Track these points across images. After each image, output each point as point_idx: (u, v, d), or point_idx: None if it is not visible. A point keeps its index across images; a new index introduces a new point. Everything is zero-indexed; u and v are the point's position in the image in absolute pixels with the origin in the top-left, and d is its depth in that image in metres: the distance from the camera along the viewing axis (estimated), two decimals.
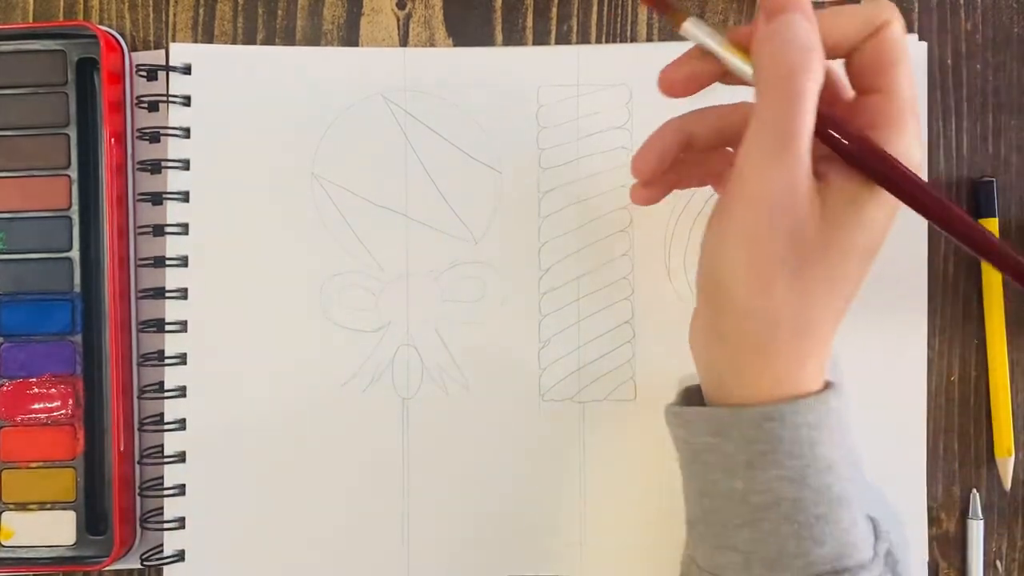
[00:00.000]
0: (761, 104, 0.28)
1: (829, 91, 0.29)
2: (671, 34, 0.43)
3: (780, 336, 0.28)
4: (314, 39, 0.43)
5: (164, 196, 0.42)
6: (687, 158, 0.34)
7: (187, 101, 0.42)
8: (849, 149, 0.28)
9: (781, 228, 0.27)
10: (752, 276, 0.28)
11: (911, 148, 0.29)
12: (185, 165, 0.42)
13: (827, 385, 0.30)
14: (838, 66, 0.31)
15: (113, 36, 0.42)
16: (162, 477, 0.42)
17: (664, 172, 0.34)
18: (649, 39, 0.43)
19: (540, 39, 0.43)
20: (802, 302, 0.28)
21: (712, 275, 0.29)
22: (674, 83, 0.31)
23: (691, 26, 0.29)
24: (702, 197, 0.41)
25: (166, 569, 0.42)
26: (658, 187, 0.35)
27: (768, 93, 0.27)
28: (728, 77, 0.30)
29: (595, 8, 0.43)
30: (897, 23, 0.29)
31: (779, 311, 0.28)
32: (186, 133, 0.42)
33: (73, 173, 0.42)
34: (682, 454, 0.32)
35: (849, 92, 0.31)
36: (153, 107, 0.42)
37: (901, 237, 0.41)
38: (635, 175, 0.34)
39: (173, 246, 0.42)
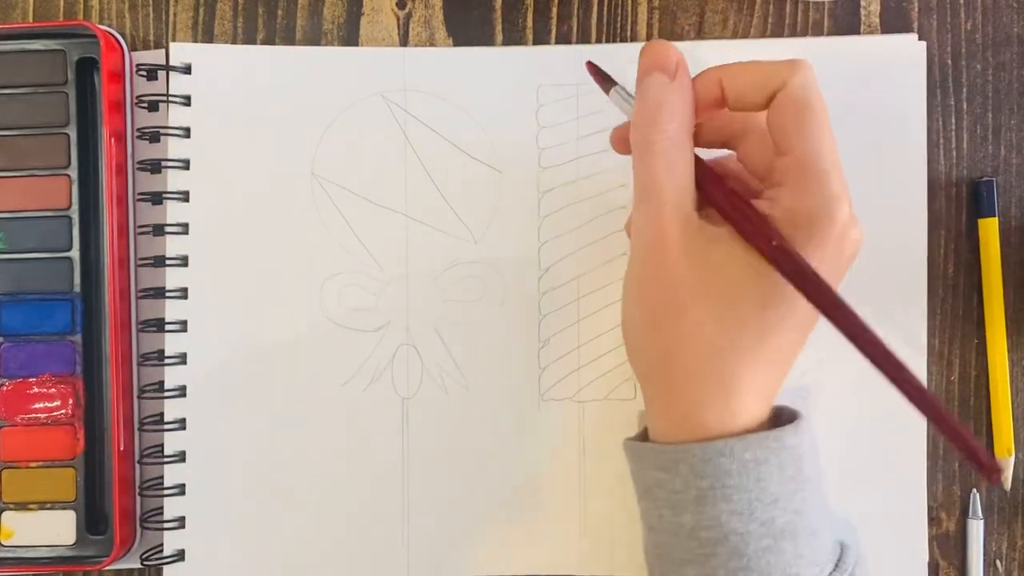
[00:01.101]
0: (633, 158, 0.31)
1: (762, 148, 0.31)
2: (671, 34, 0.43)
3: (678, 374, 0.29)
4: (314, 39, 0.43)
5: (164, 196, 0.42)
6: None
7: (187, 101, 0.42)
8: (715, 200, 0.30)
9: (656, 271, 0.29)
10: (644, 317, 0.30)
11: (808, 199, 0.29)
12: (185, 165, 0.42)
13: (780, 419, 0.31)
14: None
15: (113, 36, 0.42)
16: (162, 477, 0.42)
17: None
18: (649, 39, 0.43)
19: (540, 39, 0.43)
20: (695, 341, 0.29)
21: (623, 326, 0.32)
22: (621, 143, 0.34)
23: (616, 95, 0.34)
24: None
25: (166, 569, 0.42)
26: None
27: (633, 153, 0.30)
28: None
29: (595, 8, 0.43)
30: (794, 80, 0.29)
31: (674, 349, 0.29)
32: (186, 133, 0.42)
33: (73, 173, 0.42)
34: (636, 486, 0.32)
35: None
36: (153, 107, 0.42)
37: (900, 237, 0.41)
38: (615, 147, 0.36)
39: (173, 246, 0.42)
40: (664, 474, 0.30)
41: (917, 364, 0.41)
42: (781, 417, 0.31)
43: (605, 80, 0.35)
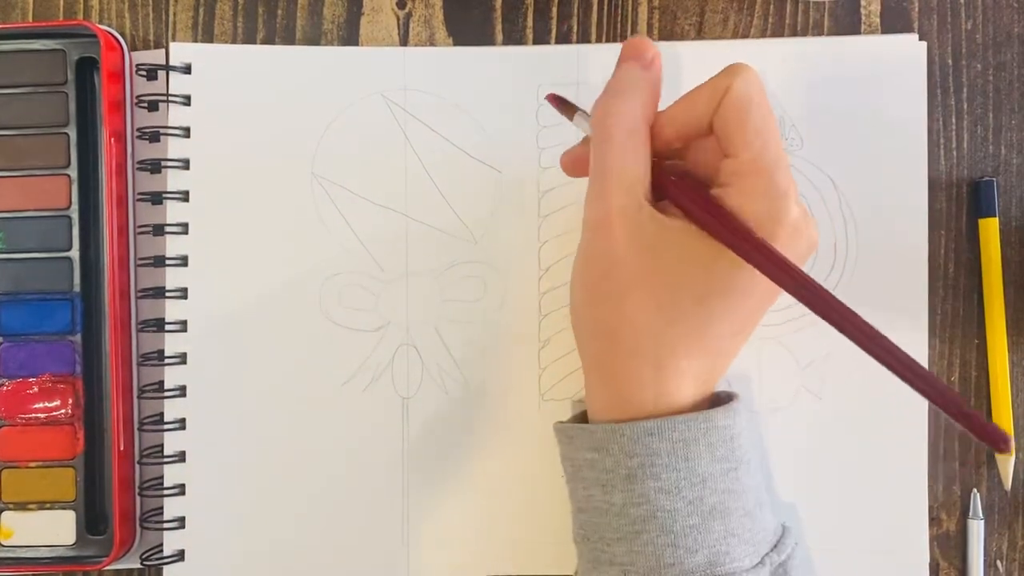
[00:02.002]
0: (591, 140, 0.31)
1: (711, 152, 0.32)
2: (671, 34, 0.43)
3: (611, 354, 0.30)
4: (314, 39, 0.43)
5: (164, 196, 0.42)
6: None
7: (187, 101, 0.42)
8: (669, 190, 0.31)
9: (601, 251, 0.30)
10: (585, 294, 0.31)
11: (751, 200, 0.29)
12: (185, 165, 0.42)
13: (721, 399, 0.31)
14: None
15: (113, 35, 0.42)
16: (162, 477, 0.42)
17: None
18: (649, 38, 0.43)
19: (540, 38, 0.43)
20: (627, 322, 0.29)
21: (572, 293, 0.32)
22: (569, 165, 0.35)
23: (580, 118, 0.34)
24: None
25: (166, 569, 0.42)
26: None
27: (593, 128, 0.31)
28: None
29: (595, 7, 0.43)
30: (735, 84, 0.30)
31: (613, 329, 0.30)
32: (186, 133, 0.42)
33: (73, 172, 0.42)
34: (565, 471, 0.33)
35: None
36: (153, 107, 0.42)
37: (901, 237, 0.41)
38: (565, 170, 0.36)
39: (173, 246, 0.42)
40: (595, 454, 0.30)
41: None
42: (718, 401, 0.32)
43: (567, 107, 0.35)
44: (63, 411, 0.42)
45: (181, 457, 0.42)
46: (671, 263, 0.29)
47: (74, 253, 0.42)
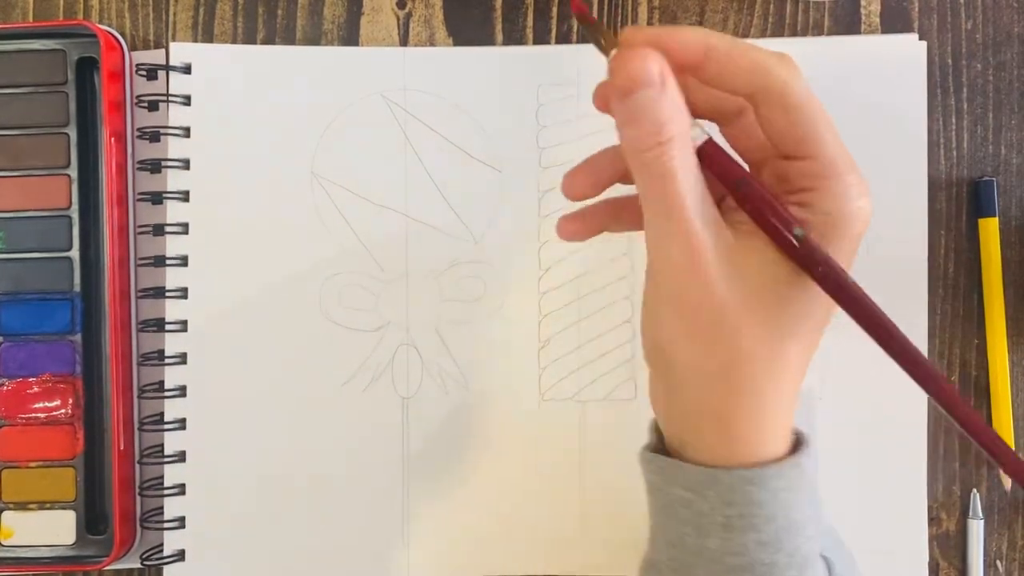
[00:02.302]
0: (638, 189, 0.28)
1: (754, 133, 0.29)
2: None
3: (728, 400, 0.28)
4: (314, 39, 0.43)
5: (164, 196, 0.42)
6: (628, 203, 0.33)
7: (187, 100, 0.42)
8: (750, 213, 0.28)
9: (697, 294, 0.27)
10: (690, 343, 0.28)
11: (844, 203, 0.27)
12: (185, 164, 0.42)
13: (797, 441, 0.30)
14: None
15: (113, 35, 0.42)
16: (162, 477, 0.42)
17: (599, 211, 0.33)
18: None
19: (540, 38, 0.43)
20: (745, 362, 0.27)
21: (655, 342, 0.30)
22: (575, 187, 0.32)
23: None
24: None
25: (166, 569, 0.42)
26: (588, 222, 0.33)
27: (638, 179, 0.28)
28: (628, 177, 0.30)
29: (595, 7, 0.43)
30: (797, 83, 0.27)
31: (723, 373, 0.28)
32: (186, 132, 0.42)
33: (73, 172, 0.42)
34: (653, 498, 0.31)
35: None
36: (153, 106, 0.42)
37: (901, 237, 0.41)
38: (566, 193, 0.32)
39: (173, 246, 0.42)
40: (690, 494, 0.29)
41: None
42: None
43: (600, 34, 0.29)
44: (63, 411, 0.42)
45: (181, 457, 0.42)
46: (769, 287, 0.27)
47: (74, 253, 0.42)
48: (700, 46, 0.27)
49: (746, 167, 0.30)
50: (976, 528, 0.41)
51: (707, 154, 0.28)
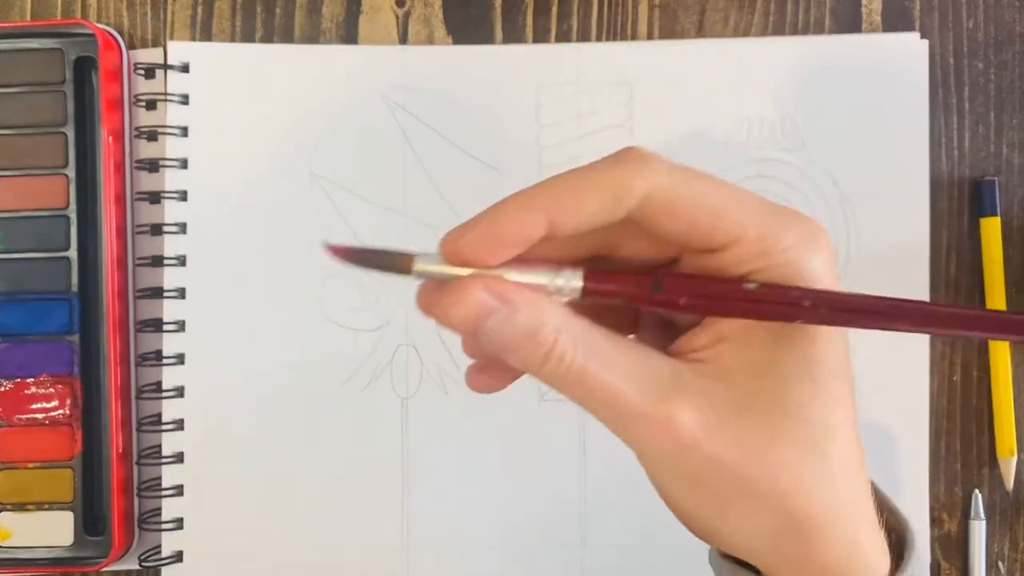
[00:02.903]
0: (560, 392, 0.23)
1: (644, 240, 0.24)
2: (671, 32, 0.43)
3: (776, 543, 0.24)
4: (313, 37, 0.43)
5: (162, 195, 0.42)
6: None
7: (185, 99, 0.42)
8: (687, 307, 0.23)
9: (706, 465, 0.22)
10: (703, 510, 0.24)
11: (799, 267, 0.22)
12: (183, 164, 0.42)
13: (899, 540, 0.26)
14: None
15: (111, 34, 0.42)
16: (160, 478, 0.42)
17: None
18: (650, 37, 0.43)
19: (540, 37, 0.43)
20: (798, 514, 0.23)
21: (677, 512, 0.25)
22: (484, 383, 0.28)
23: (420, 265, 0.24)
24: None
25: (164, 570, 0.42)
26: (500, 374, 0.28)
27: (554, 388, 0.23)
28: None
29: (595, 6, 0.43)
30: (656, 183, 0.21)
31: (758, 520, 0.23)
32: (184, 132, 0.42)
33: (71, 172, 0.41)
34: None
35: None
36: (151, 105, 0.42)
37: (902, 236, 0.41)
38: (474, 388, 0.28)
39: (171, 245, 0.42)
40: None
41: (919, 364, 0.41)
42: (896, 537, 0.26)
43: (391, 260, 0.24)
44: (61, 412, 0.41)
45: (179, 458, 0.42)
46: (754, 389, 0.22)
47: (72, 253, 0.42)
48: (537, 216, 0.23)
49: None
50: (978, 529, 0.41)
51: (596, 291, 0.23)
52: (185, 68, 0.42)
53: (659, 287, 0.22)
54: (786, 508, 0.23)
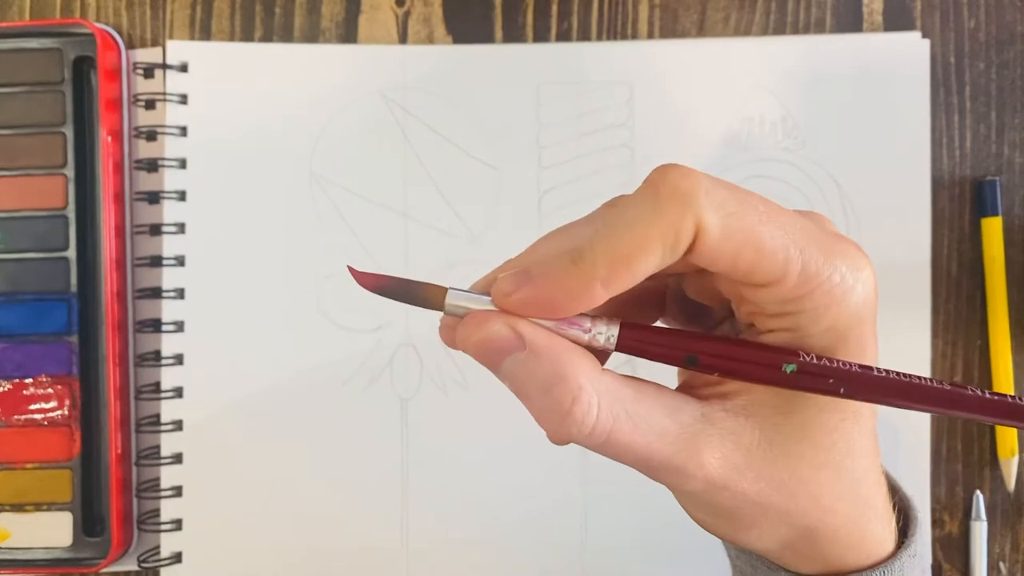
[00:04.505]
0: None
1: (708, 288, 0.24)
2: (672, 32, 0.42)
3: (787, 544, 0.24)
4: (312, 37, 0.43)
5: (161, 195, 0.42)
6: None
7: (184, 99, 0.42)
8: (726, 375, 0.23)
9: (733, 501, 0.23)
10: (724, 528, 0.24)
11: (840, 310, 0.22)
12: (182, 164, 0.42)
13: (904, 520, 0.26)
14: None
15: (110, 34, 0.42)
16: (159, 478, 0.42)
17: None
18: (650, 36, 0.42)
19: (540, 36, 0.43)
20: (824, 531, 0.23)
21: (698, 523, 0.25)
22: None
23: (453, 299, 0.22)
24: None
25: (163, 571, 0.41)
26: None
27: (579, 443, 0.23)
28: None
29: (595, 6, 0.43)
30: (709, 222, 0.20)
31: (777, 532, 0.24)
32: (183, 131, 0.42)
33: (70, 172, 0.41)
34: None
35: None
36: (150, 105, 0.42)
37: (904, 236, 0.41)
38: None
39: (170, 246, 0.42)
40: None
41: (920, 365, 0.41)
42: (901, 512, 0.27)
43: (417, 294, 0.23)
44: (60, 412, 0.41)
45: (178, 459, 0.41)
46: (804, 426, 0.23)
47: (71, 253, 0.41)
48: (597, 297, 0.21)
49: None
50: (979, 530, 0.41)
51: (633, 347, 0.22)
52: (184, 68, 0.42)
53: (695, 362, 0.22)
54: (804, 523, 0.23)
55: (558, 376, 0.21)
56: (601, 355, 0.23)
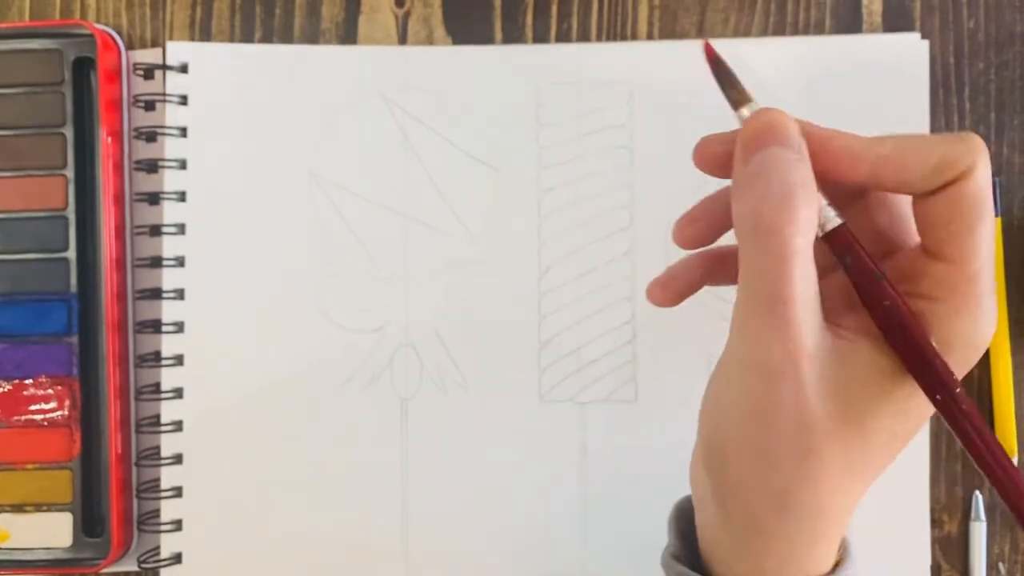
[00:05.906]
0: (742, 261, 0.24)
1: (892, 230, 0.26)
2: (671, 33, 0.42)
3: (787, 520, 0.25)
4: (312, 38, 0.43)
5: (161, 196, 0.42)
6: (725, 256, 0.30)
7: (184, 100, 0.42)
8: (877, 319, 0.24)
9: (784, 402, 0.23)
10: (755, 454, 0.24)
11: (974, 330, 0.24)
12: (182, 165, 0.42)
13: (840, 558, 0.27)
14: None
15: (110, 35, 0.42)
16: (159, 479, 0.42)
17: (693, 271, 0.30)
18: (650, 37, 0.43)
19: (540, 37, 0.43)
20: (814, 486, 0.24)
21: (714, 445, 0.26)
22: (687, 235, 0.29)
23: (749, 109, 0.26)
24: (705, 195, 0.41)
25: (163, 571, 0.41)
26: (681, 285, 0.30)
27: (747, 251, 0.24)
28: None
29: (595, 6, 0.43)
30: (980, 171, 0.23)
31: (787, 494, 0.24)
32: (183, 132, 0.42)
33: (70, 173, 0.41)
34: None
35: (914, 237, 0.26)
36: (150, 106, 0.42)
37: None
38: (677, 242, 0.29)
39: (170, 246, 0.42)
40: None
41: None
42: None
43: (731, 85, 0.27)
44: (60, 413, 0.41)
45: (178, 459, 0.41)
46: (862, 401, 0.24)
47: (71, 254, 0.41)
48: (859, 157, 0.24)
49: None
50: (978, 530, 0.41)
51: (841, 243, 0.24)
52: (184, 68, 0.42)
53: (881, 278, 0.24)
54: (805, 499, 0.25)
55: (806, 192, 0.23)
56: None
